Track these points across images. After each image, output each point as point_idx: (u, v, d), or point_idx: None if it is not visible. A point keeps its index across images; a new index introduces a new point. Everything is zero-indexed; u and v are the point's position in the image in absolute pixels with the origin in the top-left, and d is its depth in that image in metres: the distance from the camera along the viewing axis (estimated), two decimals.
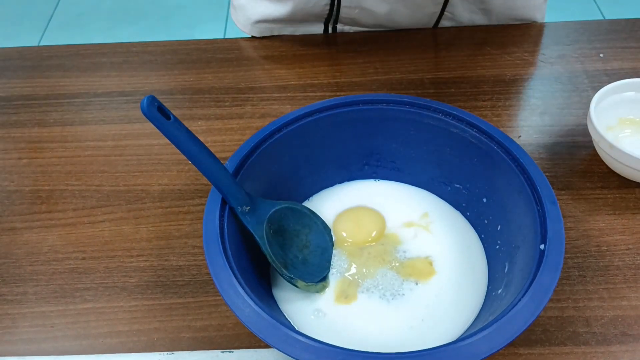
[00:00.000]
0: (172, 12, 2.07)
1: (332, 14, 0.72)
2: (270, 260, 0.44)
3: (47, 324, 0.48)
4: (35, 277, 0.52)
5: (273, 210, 0.46)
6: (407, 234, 0.50)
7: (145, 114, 0.36)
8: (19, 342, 0.48)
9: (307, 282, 0.45)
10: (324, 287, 0.46)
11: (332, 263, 0.48)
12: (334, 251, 0.49)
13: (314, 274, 0.46)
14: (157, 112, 0.37)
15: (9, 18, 2.07)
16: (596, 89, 0.57)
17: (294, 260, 0.46)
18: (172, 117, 0.38)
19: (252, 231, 0.43)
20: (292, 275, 0.44)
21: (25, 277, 0.52)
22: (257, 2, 0.75)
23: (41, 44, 1.94)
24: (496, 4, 0.73)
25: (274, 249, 0.44)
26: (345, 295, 0.46)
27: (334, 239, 0.50)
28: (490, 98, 0.66)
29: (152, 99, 0.37)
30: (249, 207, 0.43)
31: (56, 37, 1.98)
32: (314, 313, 0.45)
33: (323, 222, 0.50)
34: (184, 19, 2.03)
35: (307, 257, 0.47)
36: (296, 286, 0.45)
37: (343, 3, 0.70)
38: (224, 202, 0.43)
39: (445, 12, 0.73)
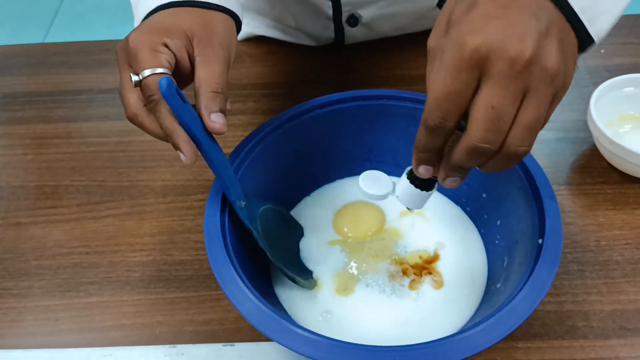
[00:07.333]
0: None
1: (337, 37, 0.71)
2: (269, 255, 0.44)
3: (52, 317, 0.49)
4: (40, 271, 0.52)
5: (261, 209, 0.45)
6: (405, 225, 0.50)
7: (163, 94, 0.36)
8: (24, 335, 0.48)
9: (303, 279, 0.46)
10: (315, 284, 0.47)
11: (330, 259, 0.48)
12: (335, 246, 0.49)
13: (301, 274, 0.47)
14: (176, 93, 0.37)
15: (14, 15, 2.08)
16: (597, 85, 0.57)
17: (282, 260, 0.46)
18: (186, 101, 0.38)
19: (249, 226, 0.43)
20: (287, 271, 0.45)
21: (31, 271, 0.52)
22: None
23: (46, 41, 1.95)
24: None
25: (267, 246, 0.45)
26: (344, 289, 0.46)
27: (339, 238, 0.50)
28: None
29: (171, 80, 0.36)
30: (244, 203, 0.43)
31: (61, 34, 1.98)
32: (315, 308, 0.46)
33: (297, 223, 0.51)
34: None
35: (291, 258, 0.47)
36: (294, 282, 0.45)
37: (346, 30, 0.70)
38: (224, 198, 0.43)
39: None
